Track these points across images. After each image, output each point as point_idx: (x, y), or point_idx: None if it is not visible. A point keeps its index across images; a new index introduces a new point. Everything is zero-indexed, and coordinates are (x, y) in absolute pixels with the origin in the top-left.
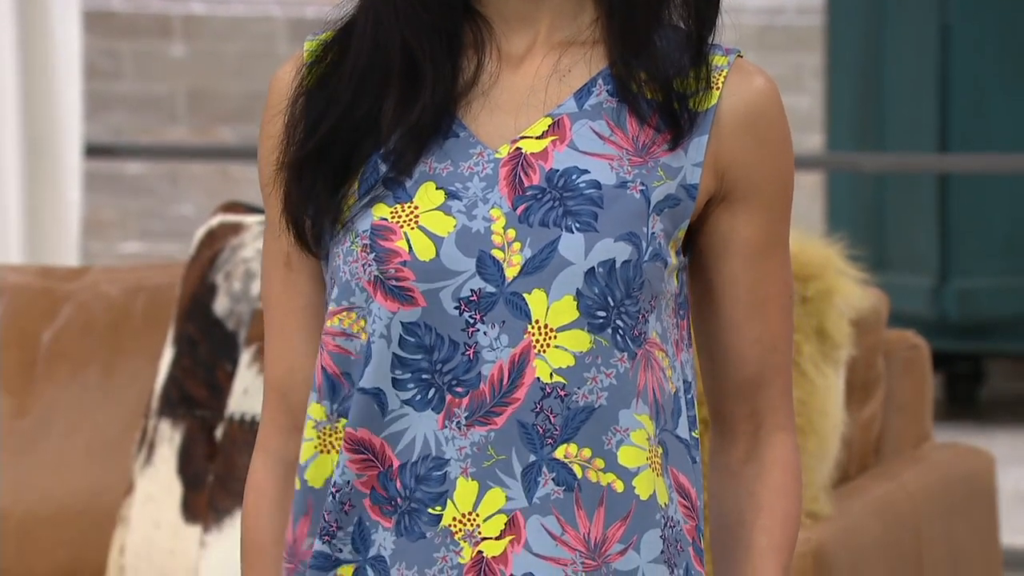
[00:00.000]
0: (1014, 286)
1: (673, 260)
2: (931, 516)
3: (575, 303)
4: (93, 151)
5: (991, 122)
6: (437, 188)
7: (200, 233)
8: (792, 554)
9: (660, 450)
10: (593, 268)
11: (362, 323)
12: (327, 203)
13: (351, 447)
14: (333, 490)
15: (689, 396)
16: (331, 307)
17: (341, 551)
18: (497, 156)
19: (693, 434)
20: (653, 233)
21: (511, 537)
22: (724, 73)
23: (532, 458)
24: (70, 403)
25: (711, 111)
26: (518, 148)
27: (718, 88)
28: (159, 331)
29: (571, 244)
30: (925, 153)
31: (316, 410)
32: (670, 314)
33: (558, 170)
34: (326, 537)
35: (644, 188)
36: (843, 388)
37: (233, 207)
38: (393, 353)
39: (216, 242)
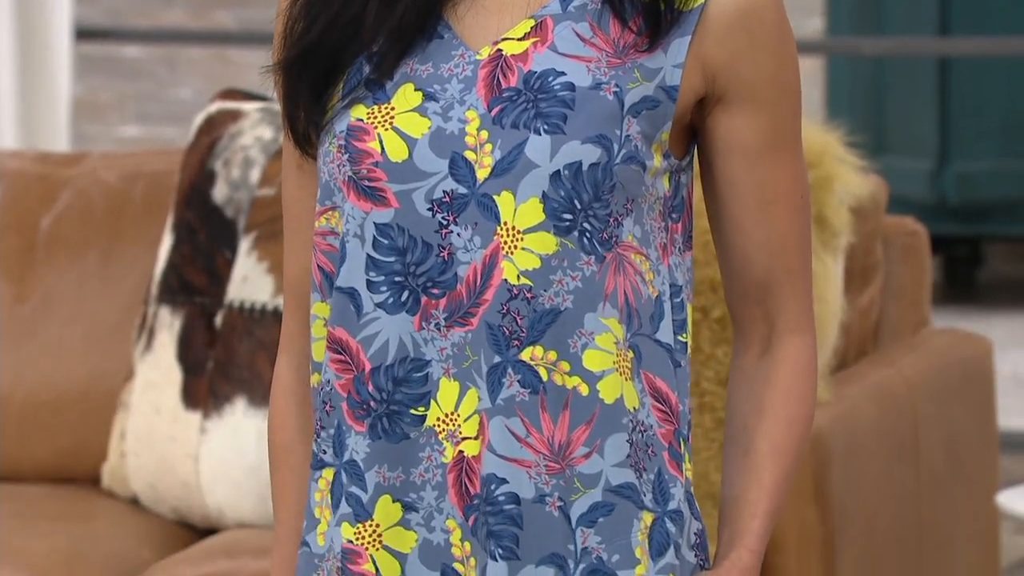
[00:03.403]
0: (1013, 169)
1: (656, 163)
2: (928, 401)
3: (541, 205)
4: (89, 34)
5: (991, 5)
6: (416, 89)
7: (199, 120)
8: (797, 457)
9: (631, 354)
10: (559, 171)
11: (343, 223)
12: (312, 104)
13: (331, 346)
14: (317, 388)
15: (677, 300)
16: (317, 207)
17: (325, 452)
18: (478, 58)
19: (680, 338)
20: (628, 135)
21: (483, 437)
22: None
23: (497, 359)
24: (69, 289)
25: (696, 11)
26: (499, 50)
27: None
28: (158, 218)
29: (537, 146)
30: (925, 36)
31: (321, 308)
32: (655, 217)
33: (536, 72)
34: (313, 436)
35: (618, 90)
36: (842, 275)
37: (231, 94)
38: (367, 254)
39: (215, 129)
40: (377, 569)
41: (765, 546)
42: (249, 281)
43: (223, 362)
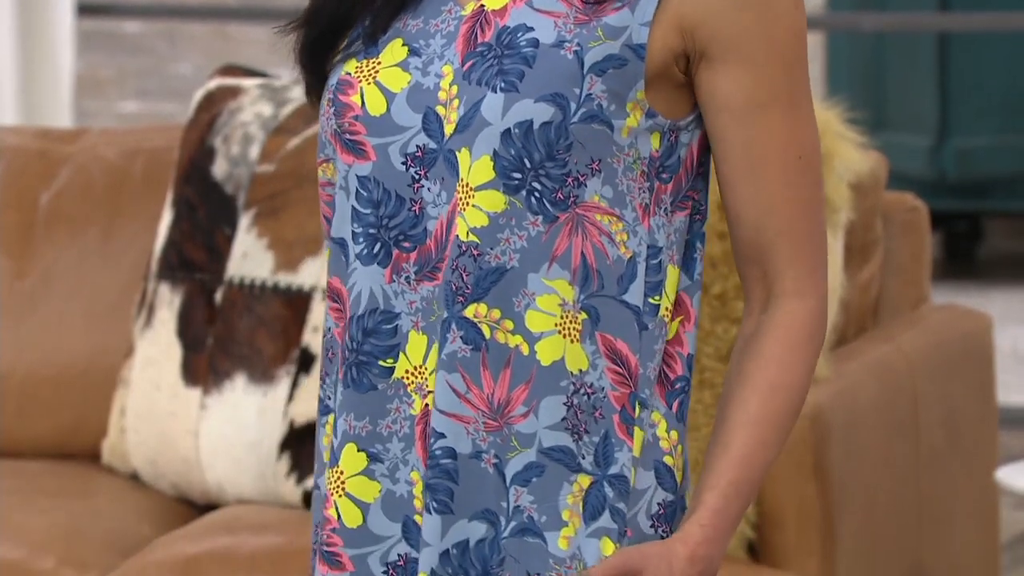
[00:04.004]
0: (1012, 144)
1: (632, 122)
2: (928, 377)
3: (492, 163)
4: (90, 10)
5: None
6: (403, 44)
7: (198, 96)
8: (779, 426)
9: (583, 316)
10: (509, 129)
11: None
12: (315, 59)
13: (329, 293)
14: (323, 337)
15: (655, 262)
16: (317, 159)
17: (330, 399)
18: (463, 13)
19: (651, 301)
20: (589, 95)
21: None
22: None
23: (445, 315)
24: (69, 265)
25: None
26: (481, 5)
27: None
28: (158, 194)
29: (492, 104)
30: (925, 12)
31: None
32: (635, 177)
33: (508, 27)
34: (320, 382)
35: (579, 48)
36: (841, 251)
37: (231, 70)
38: (351, 205)
39: (214, 105)
40: (339, 515)
41: (728, 519)
42: (249, 257)
43: (223, 338)
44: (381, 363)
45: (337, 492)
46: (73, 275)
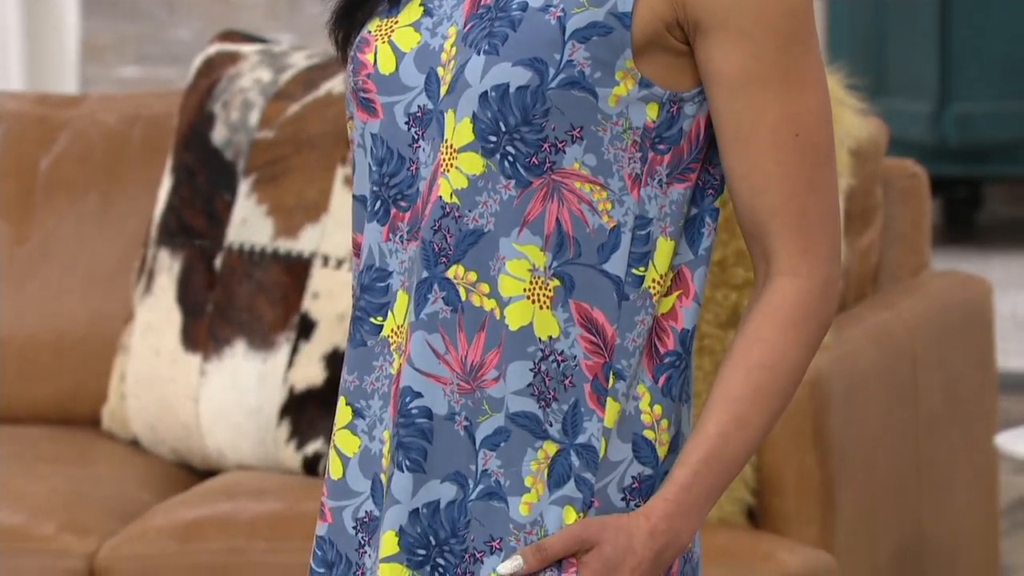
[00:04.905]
0: (1013, 110)
1: (620, 91)
2: (927, 343)
3: (471, 126)
4: None
5: None
6: (420, 4)
7: (197, 62)
8: (764, 405)
9: (555, 283)
10: (486, 92)
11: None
12: (349, 19)
13: (355, 250)
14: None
15: (642, 232)
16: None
17: None
18: None
19: (635, 271)
20: (571, 61)
21: (405, 351)
22: None
23: (425, 274)
24: (69, 231)
25: None
26: None
27: None
28: (157, 160)
29: (474, 66)
30: None
31: None
32: (624, 147)
33: None
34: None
35: (562, 14)
36: (841, 218)
37: (230, 36)
38: (368, 163)
39: (213, 71)
40: (328, 467)
41: (698, 495)
42: (248, 224)
43: (223, 305)
44: (372, 320)
45: (332, 444)
46: (73, 241)
